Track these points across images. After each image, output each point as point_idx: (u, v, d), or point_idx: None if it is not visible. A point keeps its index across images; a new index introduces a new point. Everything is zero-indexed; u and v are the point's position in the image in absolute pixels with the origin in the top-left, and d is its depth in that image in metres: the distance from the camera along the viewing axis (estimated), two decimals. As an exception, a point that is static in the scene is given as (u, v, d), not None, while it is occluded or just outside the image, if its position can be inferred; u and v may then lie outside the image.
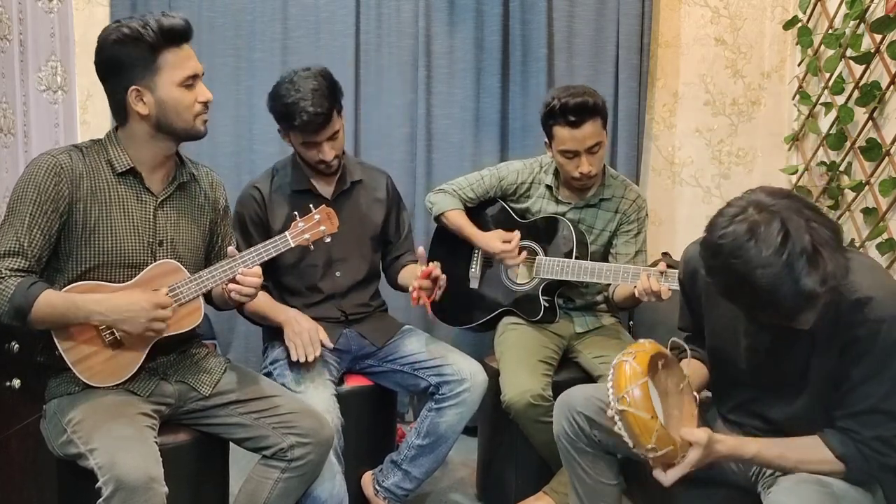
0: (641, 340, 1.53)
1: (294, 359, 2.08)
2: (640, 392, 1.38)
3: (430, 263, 2.09)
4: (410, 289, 2.06)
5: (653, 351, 1.50)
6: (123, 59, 1.67)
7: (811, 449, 1.46)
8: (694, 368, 1.67)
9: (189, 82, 1.71)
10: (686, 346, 1.62)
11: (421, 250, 2.12)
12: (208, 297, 1.93)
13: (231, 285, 1.75)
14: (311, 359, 2.07)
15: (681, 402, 1.58)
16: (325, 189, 2.29)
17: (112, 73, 1.70)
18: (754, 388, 1.58)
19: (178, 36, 1.69)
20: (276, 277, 2.28)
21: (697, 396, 1.60)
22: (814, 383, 1.48)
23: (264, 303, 2.20)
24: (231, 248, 1.78)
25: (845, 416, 1.44)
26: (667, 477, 1.42)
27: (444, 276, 2.06)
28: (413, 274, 2.24)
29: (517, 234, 2.38)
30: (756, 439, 1.49)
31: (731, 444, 1.46)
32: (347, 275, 2.31)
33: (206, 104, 1.75)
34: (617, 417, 1.40)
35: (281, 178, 2.29)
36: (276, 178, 2.30)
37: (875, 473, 1.44)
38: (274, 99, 2.16)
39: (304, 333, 2.11)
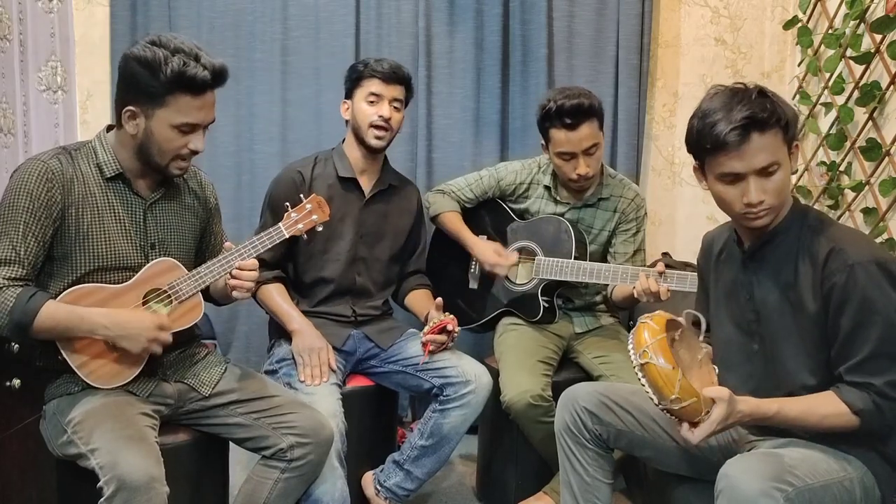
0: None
1: (301, 379, 2.08)
2: (659, 345, 1.43)
3: (446, 314, 2.16)
4: (423, 337, 2.17)
5: (669, 316, 1.54)
6: (138, 79, 1.63)
7: (830, 404, 1.48)
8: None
9: (185, 129, 1.67)
10: (702, 318, 1.65)
11: (439, 301, 2.20)
12: (207, 293, 1.93)
13: (232, 281, 1.75)
14: (317, 383, 2.07)
15: (700, 373, 1.60)
16: (366, 185, 2.31)
17: (122, 82, 1.67)
18: (753, 360, 1.62)
19: (196, 86, 1.64)
20: (296, 266, 2.29)
21: (716, 368, 1.62)
22: (808, 347, 1.52)
23: (279, 302, 2.21)
24: (228, 244, 1.79)
25: (850, 369, 1.47)
26: (694, 435, 1.43)
27: (458, 331, 2.17)
28: (422, 304, 2.31)
29: (515, 256, 2.40)
30: (776, 399, 1.51)
31: (753, 402, 1.48)
32: (367, 277, 2.32)
33: (193, 153, 1.71)
34: (640, 373, 1.43)
35: (323, 167, 2.30)
36: (317, 166, 2.30)
37: (891, 424, 1.47)
38: (352, 66, 2.30)
39: (314, 354, 2.11)
